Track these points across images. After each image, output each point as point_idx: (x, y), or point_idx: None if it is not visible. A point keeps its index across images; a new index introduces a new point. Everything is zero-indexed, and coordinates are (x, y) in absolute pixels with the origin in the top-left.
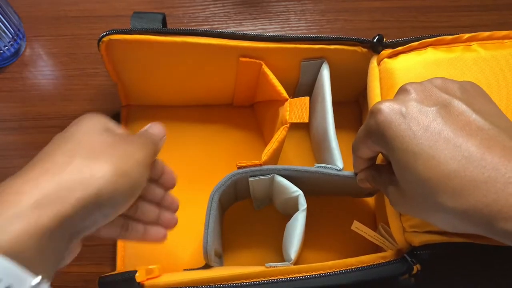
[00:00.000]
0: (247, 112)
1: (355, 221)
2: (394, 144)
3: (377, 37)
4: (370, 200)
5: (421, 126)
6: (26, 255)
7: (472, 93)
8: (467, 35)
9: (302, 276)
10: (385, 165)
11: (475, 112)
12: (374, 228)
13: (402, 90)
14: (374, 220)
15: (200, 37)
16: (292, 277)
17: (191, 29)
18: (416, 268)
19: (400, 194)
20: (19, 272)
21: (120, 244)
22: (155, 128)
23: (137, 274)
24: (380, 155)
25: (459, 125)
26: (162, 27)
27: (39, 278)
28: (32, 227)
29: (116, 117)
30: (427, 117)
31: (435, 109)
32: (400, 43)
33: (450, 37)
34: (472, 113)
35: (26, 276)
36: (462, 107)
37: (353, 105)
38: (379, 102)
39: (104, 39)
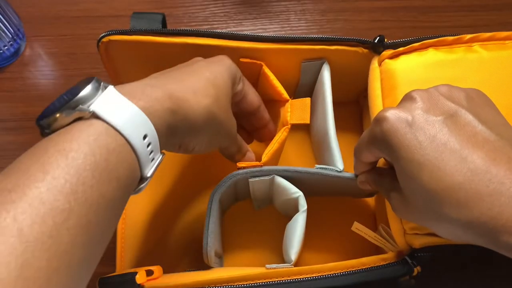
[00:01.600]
0: None
1: (355, 222)
2: (399, 153)
3: (378, 37)
4: (370, 201)
5: (427, 136)
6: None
7: (478, 102)
8: (468, 36)
9: (303, 278)
10: (388, 170)
11: (481, 122)
12: (374, 228)
13: (408, 98)
14: (374, 220)
15: (200, 38)
16: (292, 279)
17: (191, 30)
18: (416, 270)
19: (403, 201)
20: (157, 140)
21: (120, 244)
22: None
23: (137, 276)
24: (381, 159)
25: (465, 136)
26: (162, 27)
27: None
28: (162, 121)
29: None
30: (433, 127)
31: (442, 119)
32: (401, 43)
33: (452, 38)
34: (478, 123)
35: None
36: (468, 118)
37: (353, 106)
38: (384, 110)
39: (104, 39)
